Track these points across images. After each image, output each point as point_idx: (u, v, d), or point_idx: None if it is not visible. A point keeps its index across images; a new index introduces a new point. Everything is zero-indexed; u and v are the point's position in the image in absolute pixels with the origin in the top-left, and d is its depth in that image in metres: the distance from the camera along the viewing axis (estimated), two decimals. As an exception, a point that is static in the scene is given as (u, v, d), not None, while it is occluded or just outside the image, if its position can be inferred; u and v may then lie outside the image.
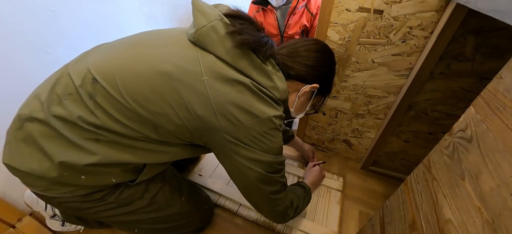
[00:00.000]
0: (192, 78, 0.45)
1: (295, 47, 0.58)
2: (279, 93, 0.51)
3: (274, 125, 0.49)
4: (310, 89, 0.58)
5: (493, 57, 0.62)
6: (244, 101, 0.46)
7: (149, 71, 0.45)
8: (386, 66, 0.76)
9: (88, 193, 0.52)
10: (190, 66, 0.45)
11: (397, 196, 0.54)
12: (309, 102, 0.65)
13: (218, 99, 0.45)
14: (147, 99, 0.45)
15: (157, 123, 0.46)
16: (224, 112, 0.45)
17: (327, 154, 1.14)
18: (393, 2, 0.64)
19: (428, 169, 0.44)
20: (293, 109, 0.63)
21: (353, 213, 0.89)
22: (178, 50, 0.48)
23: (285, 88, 0.53)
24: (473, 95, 0.70)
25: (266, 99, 0.48)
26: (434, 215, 0.40)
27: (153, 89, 0.45)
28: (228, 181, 0.97)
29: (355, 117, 0.94)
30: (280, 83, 0.51)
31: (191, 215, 0.71)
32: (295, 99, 0.61)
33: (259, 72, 0.48)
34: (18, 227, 0.75)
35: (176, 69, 0.45)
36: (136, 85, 0.45)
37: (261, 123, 0.47)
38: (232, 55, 0.46)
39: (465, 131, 0.36)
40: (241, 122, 0.46)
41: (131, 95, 0.45)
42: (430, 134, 0.85)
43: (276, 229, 0.81)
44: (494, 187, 0.29)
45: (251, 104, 0.46)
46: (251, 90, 0.47)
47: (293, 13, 1.29)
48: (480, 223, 0.30)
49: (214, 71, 0.45)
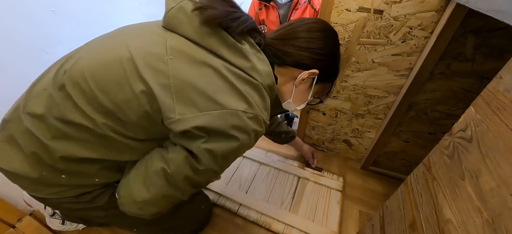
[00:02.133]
0: (155, 59, 0.40)
1: (290, 29, 0.52)
2: (260, 76, 0.44)
3: (242, 124, 0.42)
4: (308, 75, 0.52)
5: (493, 57, 0.62)
6: (209, 86, 0.40)
7: (114, 60, 0.42)
8: (386, 66, 0.76)
9: (78, 195, 0.50)
10: (155, 48, 0.42)
11: (397, 196, 0.54)
12: (309, 91, 0.57)
13: (178, 80, 0.40)
14: (111, 90, 0.41)
15: (122, 114, 0.42)
16: (182, 97, 0.40)
17: (327, 154, 1.14)
18: (393, 2, 0.64)
19: (428, 169, 0.44)
20: (291, 99, 0.57)
21: (353, 213, 0.89)
22: (148, 36, 0.44)
23: (268, 71, 0.46)
24: (473, 95, 0.70)
25: (239, 90, 0.42)
26: (434, 215, 0.40)
27: (115, 78, 0.41)
28: (228, 181, 0.97)
29: (355, 117, 0.94)
30: (261, 65, 0.45)
31: (189, 216, 0.71)
32: (292, 88, 0.54)
33: (232, 51, 0.43)
34: (18, 227, 0.75)
35: (140, 52, 0.41)
36: (102, 76, 0.41)
37: (223, 116, 0.41)
38: (200, 33, 0.42)
39: (465, 131, 0.36)
40: (200, 110, 0.40)
41: (99, 87, 0.41)
42: (430, 134, 0.85)
43: (276, 229, 0.81)
44: (494, 187, 0.29)
45: (216, 91, 0.41)
46: (221, 75, 0.41)
47: (295, 8, 1.28)
48: (480, 223, 0.30)
49: (181, 51, 0.41)
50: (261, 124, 0.45)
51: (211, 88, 0.40)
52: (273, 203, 0.89)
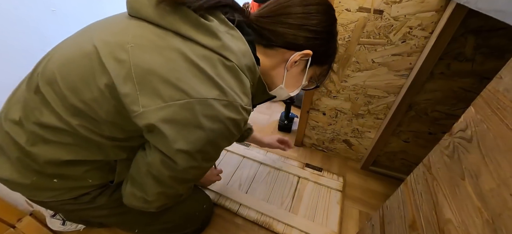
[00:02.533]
0: (117, 48, 0.37)
1: (278, 3, 0.46)
2: (234, 55, 0.39)
3: (211, 112, 0.37)
4: (300, 57, 0.46)
5: (493, 57, 0.62)
6: (173, 73, 0.36)
7: (80, 56, 0.39)
8: (386, 66, 0.76)
9: (76, 197, 0.49)
10: (118, 38, 0.38)
11: (397, 196, 0.54)
12: (303, 75, 0.52)
13: (140, 69, 0.36)
14: (78, 87, 0.38)
15: (94, 113, 0.39)
16: (145, 87, 0.36)
17: (327, 154, 1.14)
18: (393, 2, 0.64)
19: (428, 169, 0.44)
20: (283, 84, 0.52)
21: (353, 213, 0.89)
22: (113, 27, 0.41)
23: (244, 50, 0.41)
24: (473, 95, 0.70)
25: (208, 74, 0.37)
26: (434, 215, 0.40)
27: (81, 75, 0.38)
28: (228, 181, 0.97)
29: (355, 117, 0.94)
30: (234, 43, 0.40)
31: (191, 215, 0.71)
32: (284, 72, 0.49)
33: (197, 29, 0.37)
34: (18, 227, 0.75)
35: (103, 44, 0.38)
36: (69, 74, 0.39)
37: (190, 106, 0.36)
38: (160, 13, 0.37)
39: (465, 131, 0.36)
40: (164, 101, 0.36)
41: (67, 86, 0.38)
42: (430, 134, 0.85)
43: (276, 229, 0.81)
44: (494, 187, 0.29)
45: (181, 77, 0.36)
46: (187, 58, 0.36)
47: None
48: (480, 223, 0.30)
49: (143, 37, 0.37)
50: (238, 111, 0.40)
51: (176, 75, 0.36)
52: (273, 203, 0.89)
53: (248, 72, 0.42)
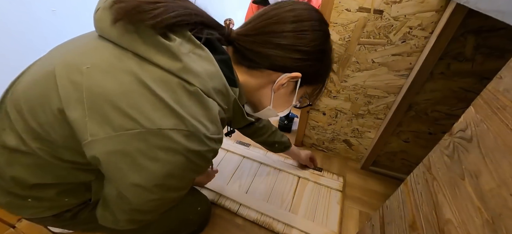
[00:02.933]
0: (74, 71, 0.33)
1: (267, 20, 0.41)
2: (198, 79, 0.34)
3: (168, 144, 0.33)
4: (288, 80, 0.42)
5: (493, 57, 0.62)
6: (125, 98, 0.32)
7: (41, 78, 0.36)
8: (386, 66, 0.76)
9: (57, 214, 0.47)
10: (79, 59, 0.35)
11: (397, 196, 0.54)
12: (293, 95, 0.48)
13: (92, 93, 0.32)
14: (36, 110, 0.35)
15: (49, 137, 0.36)
16: (96, 113, 0.32)
17: (327, 154, 1.14)
18: (393, 2, 0.64)
19: (428, 169, 0.44)
20: (271, 106, 0.48)
21: (353, 213, 0.89)
22: (79, 47, 0.38)
23: (212, 72, 0.36)
24: (473, 95, 0.70)
25: (164, 101, 0.32)
26: (434, 215, 0.40)
27: (39, 97, 0.35)
28: (228, 181, 0.97)
29: (355, 117, 0.94)
30: (199, 65, 0.35)
31: (183, 219, 0.67)
32: (271, 93, 0.45)
33: (155, 50, 0.33)
34: (18, 227, 0.75)
35: (62, 66, 0.35)
36: (31, 96, 0.36)
37: (142, 137, 0.32)
38: (117, 32, 0.34)
39: (465, 131, 0.36)
40: (114, 130, 0.31)
41: (28, 108, 0.36)
42: (430, 134, 0.85)
43: (276, 229, 0.81)
44: (494, 187, 0.29)
45: (134, 104, 0.32)
46: (141, 83, 0.32)
47: None
48: (480, 223, 0.30)
49: (103, 59, 0.34)
50: (202, 141, 0.35)
51: (128, 101, 0.32)
52: (273, 203, 0.89)
53: (218, 95, 0.38)
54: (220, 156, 1.08)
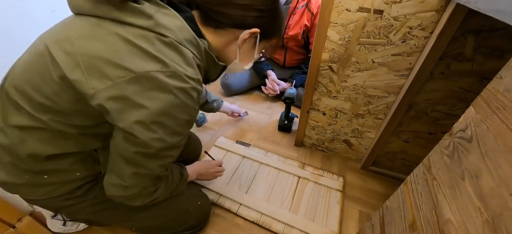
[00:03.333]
0: (65, 43, 0.40)
1: None
2: (170, 31, 0.42)
3: (156, 84, 0.40)
4: (249, 35, 0.51)
5: (493, 57, 0.62)
6: (115, 54, 0.39)
7: (36, 57, 0.43)
8: (386, 66, 0.76)
9: (70, 191, 0.53)
10: (64, 34, 0.41)
11: (397, 196, 0.54)
12: (255, 49, 0.57)
13: (86, 56, 0.39)
14: (40, 85, 0.42)
15: (58, 106, 0.43)
16: (93, 71, 0.39)
17: (327, 154, 1.14)
18: (393, 2, 0.64)
19: (428, 169, 0.44)
20: (237, 60, 0.57)
21: (353, 213, 0.89)
22: (62, 27, 0.44)
23: (180, 25, 0.44)
24: (473, 95, 0.70)
25: (147, 51, 0.40)
26: (434, 215, 0.40)
27: (39, 73, 0.42)
28: (228, 181, 0.97)
29: (355, 117, 0.94)
30: (168, 20, 0.43)
31: (184, 210, 0.70)
32: (237, 49, 0.54)
33: (129, 13, 0.40)
34: (18, 227, 0.75)
35: (53, 43, 0.41)
36: (31, 75, 0.43)
37: (135, 80, 0.39)
38: (94, 4, 0.40)
39: (465, 131, 0.36)
40: (111, 80, 0.39)
41: (31, 87, 0.42)
42: (430, 134, 0.85)
43: (276, 229, 0.81)
44: (494, 187, 0.29)
45: (123, 57, 0.39)
46: (126, 40, 0.40)
47: (293, 13, 1.29)
48: (480, 223, 0.30)
49: (86, 29, 0.41)
50: (183, 79, 0.43)
51: (118, 56, 0.39)
52: (273, 203, 0.89)
53: (190, 45, 0.46)
54: (220, 156, 1.08)
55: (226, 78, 1.53)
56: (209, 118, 1.33)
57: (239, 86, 1.55)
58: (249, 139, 1.21)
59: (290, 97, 1.14)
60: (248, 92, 1.63)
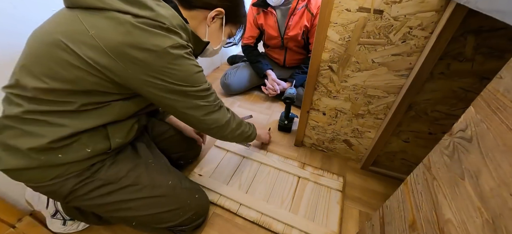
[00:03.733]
0: (82, 36, 0.46)
1: None
2: (167, 20, 0.51)
3: (174, 55, 0.51)
4: (216, 13, 0.62)
5: (493, 57, 0.62)
6: (135, 39, 0.46)
7: (44, 48, 0.48)
8: (386, 66, 0.76)
9: (79, 172, 0.57)
10: (74, 27, 0.46)
11: (397, 196, 0.54)
12: (222, 31, 0.68)
13: (111, 46, 0.46)
14: (56, 72, 0.47)
15: (81, 87, 0.49)
16: (122, 56, 0.47)
17: (327, 154, 1.14)
18: (393, 2, 0.64)
19: (428, 169, 0.44)
20: (206, 39, 0.66)
21: (353, 213, 0.89)
22: (59, 20, 0.49)
23: (172, 14, 0.53)
24: (473, 95, 0.70)
25: (156, 32, 0.48)
26: (434, 215, 0.40)
27: (56, 61, 0.47)
28: (228, 181, 0.97)
29: (355, 117, 0.94)
30: (164, 11, 0.51)
31: (181, 201, 0.71)
32: (206, 28, 0.64)
33: (132, 6, 0.48)
34: (18, 227, 0.75)
35: (64, 34, 0.46)
36: (42, 65, 0.48)
37: (159, 57, 0.49)
38: None
39: (465, 131, 0.36)
40: (141, 61, 0.48)
41: (48, 75, 0.47)
42: (430, 134, 0.85)
43: (276, 229, 0.81)
44: (494, 187, 0.29)
45: (142, 40, 0.47)
46: (137, 27, 0.46)
47: (293, 13, 1.29)
48: (480, 223, 0.30)
49: (96, 24, 0.46)
50: (186, 47, 0.54)
51: (137, 39, 0.46)
52: (273, 203, 0.89)
53: (181, 30, 0.54)
54: (220, 156, 1.08)
55: (226, 78, 1.53)
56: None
57: (239, 86, 1.55)
58: (249, 139, 1.21)
59: (290, 97, 1.14)
60: (248, 92, 1.63)
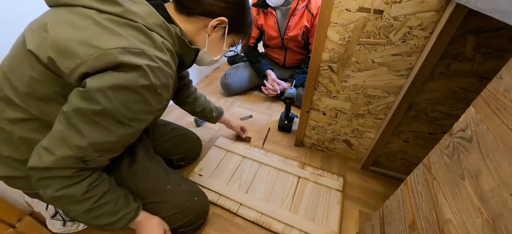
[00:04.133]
0: (39, 31, 0.44)
1: None
2: (139, 17, 0.45)
3: (125, 58, 0.41)
4: (217, 22, 0.55)
5: (493, 57, 0.62)
6: (86, 34, 0.42)
7: (15, 49, 0.47)
8: (386, 66, 0.76)
9: None
10: (39, 22, 0.45)
11: (397, 196, 0.54)
12: (223, 41, 0.61)
13: (59, 40, 0.42)
14: (21, 75, 0.45)
15: (38, 94, 0.46)
16: (65, 52, 0.41)
17: (327, 154, 1.14)
18: (393, 2, 0.64)
19: (428, 169, 0.44)
20: (206, 48, 0.60)
21: (353, 213, 0.89)
22: (38, 19, 0.47)
23: (149, 11, 0.47)
24: (473, 95, 0.70)
25: (117, 32, 0.43)
26: (434, 215, 0.40)
27: (20, 63, 0.45)
28: (228, 181, 0.97)
29: (355, 117, 0.94)
30: (137, 7, 0.46)
31: (181, 205, 0.70)
32: (206, 37, 0.58)
33: (100, 1, 0.44)
34: (18, 227, 0.75)
35: (29, 32, 0.45)
36: (13, 66, 0.46)
37: (104, 56, 0.41)
38: None
39: (465, 131, 0.36)
40: (80, 58, 0.41)
41: (15, 77, 0.46)
42: (430, 134, 0.85)
43: (276, 229, 0.81)
44: (494, 187, 0.29)
45: (94, 36, 0.42)
46: (97, 22, 0.42)
47: (293, 14, 1.29)
48: (480, 223, 0.30)
49: (59, 16, 0.44)
50: (152, 59, 0.45)
51: (89, 35, 0.42)
52: (273, 203, 0.89)
53: (160, 29, 0.48)
54: (220, 156, 1.08)
55: (226, 78, 1.53)
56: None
57: (239, 86, 1.55)
58: (249, 139, 1.21)
59: (290, 97, 1.14)
60: (248, 92, 1.63)
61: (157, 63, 0.45)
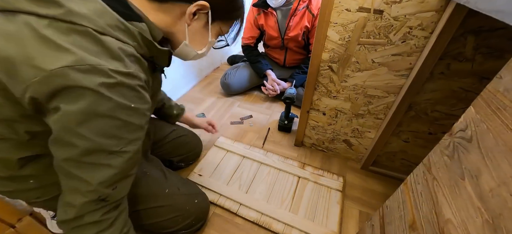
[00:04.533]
0: None
1: None
2: (86, 19, 0.35)
3: (72, 81, 0.33)
4: (196, 8, 0.45)
5: (493, 57, 0.62)
6: (25, 50, 0.33)
7: None
8: (386, 66, 0.76)
9: (58, 194, 0.49)
10: None
11: (397, 196, 0.54)
12: (207, 30, 0.50)
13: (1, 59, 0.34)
14: None
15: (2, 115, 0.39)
16: (10, 73, 0.34)
17: (327, 154, 1.14)
18: (393, 2, 0.64)
19: (428, 169, 0.44)
20: (187, 41, 0.50)
21: (353, 213, 0.89)
22: None
23: (99, 9, 0.37)
24: (473, 95, 0.70)
25: (58, 44, 0.33)
26: (434, 215, 0.40)
27: None
28: (228, 181, 0.97)
29: (355, 117, 0.94)
30: (82, 6, 0.36)
31: (180, 208, 0.70)
32: (185, 28, 0.47)
33: (36, 3, 0.34)
34: (18, 227, 0.75)
35: None
36: None
37: (47, 80, 0.33)
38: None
39: (465, 131, 0.36)
40: (24, 83, 0.33)
41: None
42: (430, 134, 0.85)
43: (276, 229, 0.81)
44: (494, 187, 0.29)
45: (33, 55, 0.33)
46: (35, 32, 0.33)
47: (294, 14, 1.29)
48: (480, 223, 0.30)
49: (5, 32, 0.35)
50: (107, 74, 0.36)
51: (28, 52, 0.33)
52: (273, 203, 0.89)
53: (117, 31, 0.38)
54: (220, 156, 1.08)
55: (226, 78, 1.53)
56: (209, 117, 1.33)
57: (239, 86, 1.55)
58: (249, 140, 1.21)
59: (290, 97, 1.14)
60: (248, 92, 1.63)
61: (114, 78, 0.36)
